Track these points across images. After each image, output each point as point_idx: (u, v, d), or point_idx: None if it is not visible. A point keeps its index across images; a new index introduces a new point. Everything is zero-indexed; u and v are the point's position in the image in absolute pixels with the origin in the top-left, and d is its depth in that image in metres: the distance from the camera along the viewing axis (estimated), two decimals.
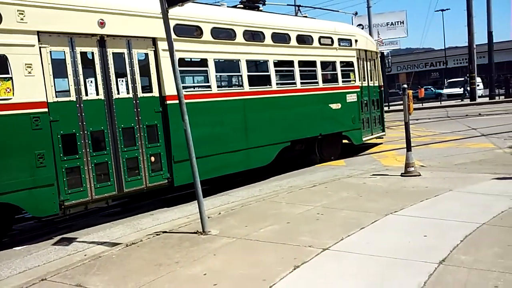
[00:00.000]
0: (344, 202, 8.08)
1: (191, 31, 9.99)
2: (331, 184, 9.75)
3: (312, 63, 13.00)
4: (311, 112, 12.77)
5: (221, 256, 5.86)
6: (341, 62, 14.02)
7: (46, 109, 7.60)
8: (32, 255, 6.94)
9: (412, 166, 9.99)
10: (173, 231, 7.16)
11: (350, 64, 14.47)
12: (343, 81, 14.00)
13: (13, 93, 7.28)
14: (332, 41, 13.68)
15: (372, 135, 15.93)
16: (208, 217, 7.36)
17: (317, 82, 13.08)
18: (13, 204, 7.32)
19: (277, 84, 11.88)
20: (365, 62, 15.74)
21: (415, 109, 27.51)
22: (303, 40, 12.71)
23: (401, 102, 10.69)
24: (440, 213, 6.91)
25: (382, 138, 16.96)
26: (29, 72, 7.42)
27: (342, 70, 14.00)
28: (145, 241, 6.76)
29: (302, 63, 12.61)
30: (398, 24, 48.73)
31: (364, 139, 15.07)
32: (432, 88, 51.81)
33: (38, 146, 7.45)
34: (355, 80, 14.57)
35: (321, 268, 5.20)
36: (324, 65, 13.59)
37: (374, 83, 16.58)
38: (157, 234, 7.06)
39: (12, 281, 5.84)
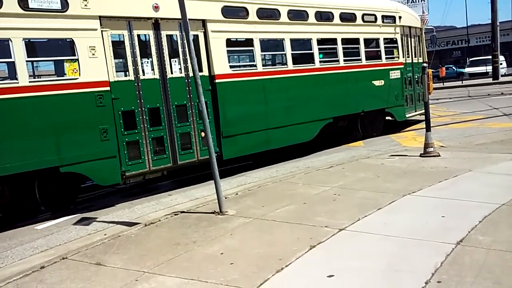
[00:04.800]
0: (361, 182, 8.04)
1: (237, 12, 10.34)
2: (348, 165, 9.70)
3: (355, 41, 13.07)
4: (354, 89, 12.89)
5: (238, 235, 5.91)
6: (384, 39, 14.01)
7: (108, 88, 8.28)
8: (53, 235, 7.09)
9: (431, 147, 9.86)
10: (191, 211, 7.24)
11: (393, 40, 14.41)
12: (386, 58, 14.03)
13: (79, 73, 7.98)
14: (376, 18, 13.67)
15: (416, 111, 15.83)
16: (225, 198, 7.41)
17: (360, 59, 13.16)
18: (81, 173, 8.12)
19: (320, 61, 12.08)
20: (409, 39, 15.59)
21: (436, 88, 27.18)
22: (347, 17, 12.78)
23: None
24: (459, 194, 6.84)
25: None
26: (93, 54, 8.07)
27: (385, 47, 14.01)
28: (163, 221, 6.85)
29: (345, 41, 12.72)
30: (418, 1, 47.62)
31: (407, 115, 15.07)
32: (453, 67, 50.82)
33: (102, 122, 8.16)
34: (398, 57, 14.54)
35: (337, 248, 5.21)
36: (368, 42, 13.60)
37: (418, 60, 16.40)
38: (175, 214, 7.15)
39: (34, 259, 5.99)
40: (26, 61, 7.47)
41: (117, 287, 4.67)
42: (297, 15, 11.51)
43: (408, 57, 15.43)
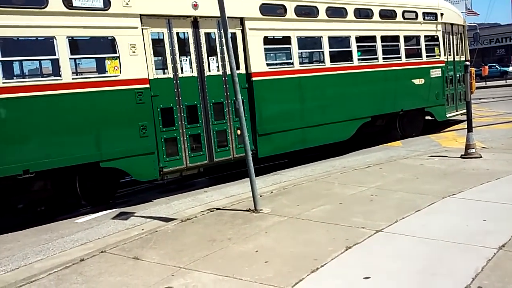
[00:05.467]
0: (400, 183, 7.89)
1: (275, 10, 10.35)
2: (386, 165, 9.54)
3: (395, 38, 12.87)
4: (393, 88, 12.69)
5: (272, 234, 5.91)
6: (425, 36, 13.73)
7: (147, 85, 8.41)
8: (92, 228, 7.28)
9: (473, 148, 9.57)
10: (226, 208, 7.28)
11: (434, 38, 14.11)
12: (427, 56, 13.75)
13: (120, 71, 8.13)
14: (416, 15, 13.41)
15: (456, 111, 15.42)
16: (260, 196, 7.41)
17: (400, 57, 12.94)
18: (120, 169, 8.25)
19: (358, 59, 11.94)
20: (451, 36, 15.24)
21: (478, 88, 26.35)
22: (386, 15, 12.61)
23: None
24: (502, 197, 6.61)
25: None
26: (133, 52, 8.24)
27: (426, 45, 13.73)
28: (199, 217, 6.92)
29: (384, 38, 12.54)
30: None
31: (448, 115, 14.73)
32: (497, 66, 49.12)
33: (141, 118, 8.31)
34: (440, 55, 14.23)
35: (374, 250, 5.12)
36: (408, 39, 13.37)
37: (460, 58, 15.96)
38: (210, 211, 7.21)
39: (74, 252, 6.16)
40: (70, 58, 7.70)
41: (154, 282, 4.75)
42: (336, 12, 11.41)
43: (449, 55, 15.05)
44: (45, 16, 7.41)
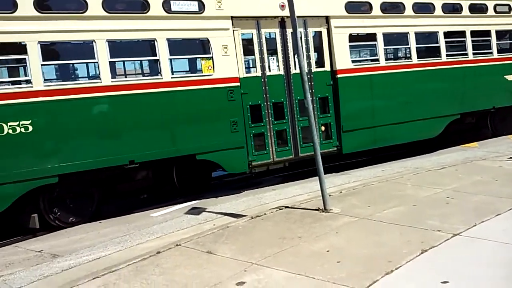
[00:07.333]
0: (477, 186, 7.55)
1: (360, 7, 10.46)
2: (462, 167, 9.16)
3: (486, 33, 12.46)
4: (483, 84, 12.23)
5: (343, 234, 5.85)
6: None
7: (238, 84, 8.93)
8: (167, 223, 7.54)
9: None
10: (295, 207, 7.30)
11: None
12: None
13: (213, 70, 8.73)
14: (510, 9, 12.88)
15: None
16: (329, 195, 7.34)
17: (491, 52, 12.50)
18: (213, 161, 8.87)
19: (446, 55, 11.64)
20: None
21: None
22: (476, 8, 12.23)
23: None
24: None
25: None
26: (225, 52, 8.76)
27: None
28: (269, 215, 6.98)
29: (474, 33, 12.16)
30: None
31: None
32: None
33: (232, 115, 8.87)
34: None
35: (452, 254, 4.95)
36: (500, 34, 12.86)
37: None
38: (279, 209, 7.25)
39: (150, 245, 6.39)
40: (169, 59, 8.27)
41: (227, 276, 4.85)
42: (423, 8, 11.22)
43: None
44: (147, 20, 8.02)
